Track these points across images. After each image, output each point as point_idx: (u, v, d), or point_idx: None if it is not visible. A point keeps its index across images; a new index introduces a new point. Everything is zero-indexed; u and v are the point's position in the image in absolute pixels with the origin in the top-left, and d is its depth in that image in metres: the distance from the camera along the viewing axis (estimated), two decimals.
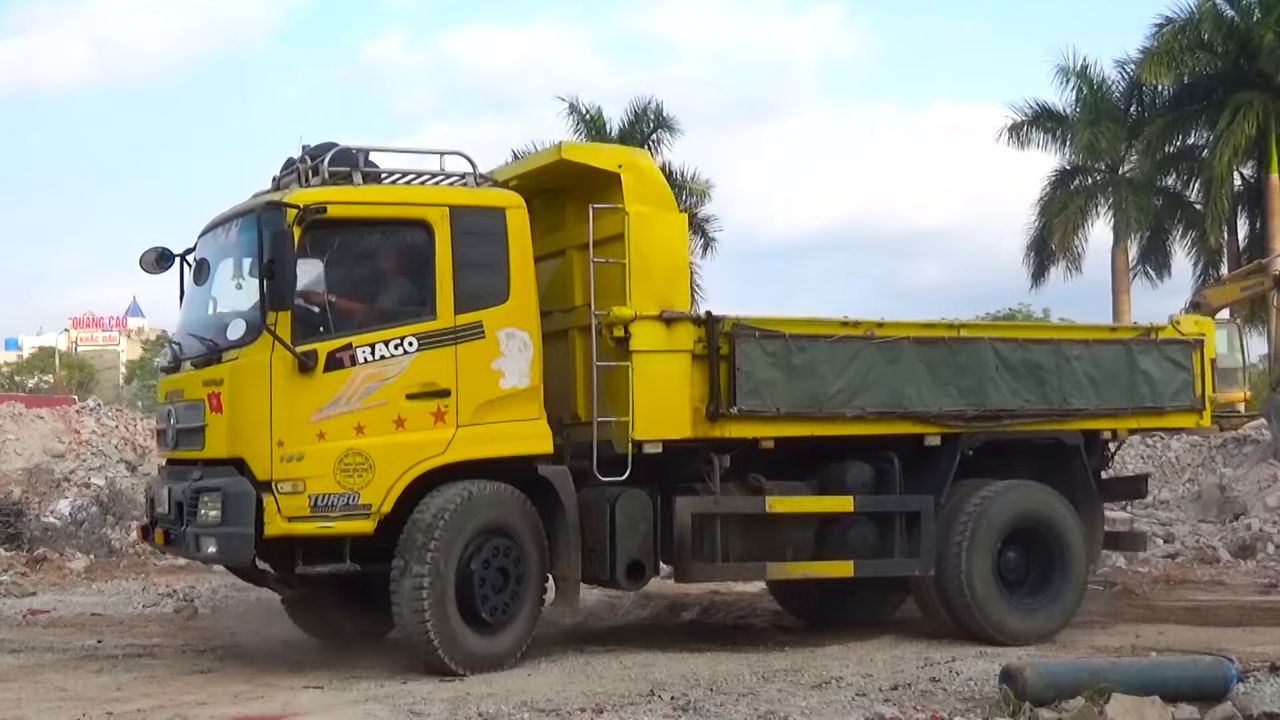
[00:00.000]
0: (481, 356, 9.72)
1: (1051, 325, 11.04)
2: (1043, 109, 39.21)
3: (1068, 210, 38.49)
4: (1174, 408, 11.97)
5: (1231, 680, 8.16)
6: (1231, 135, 33.52)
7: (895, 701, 8.37)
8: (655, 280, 10.12)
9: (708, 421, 10.17)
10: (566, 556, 9.92)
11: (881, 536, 10.88)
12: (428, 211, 9.76)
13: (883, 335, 10.71)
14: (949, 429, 11.02)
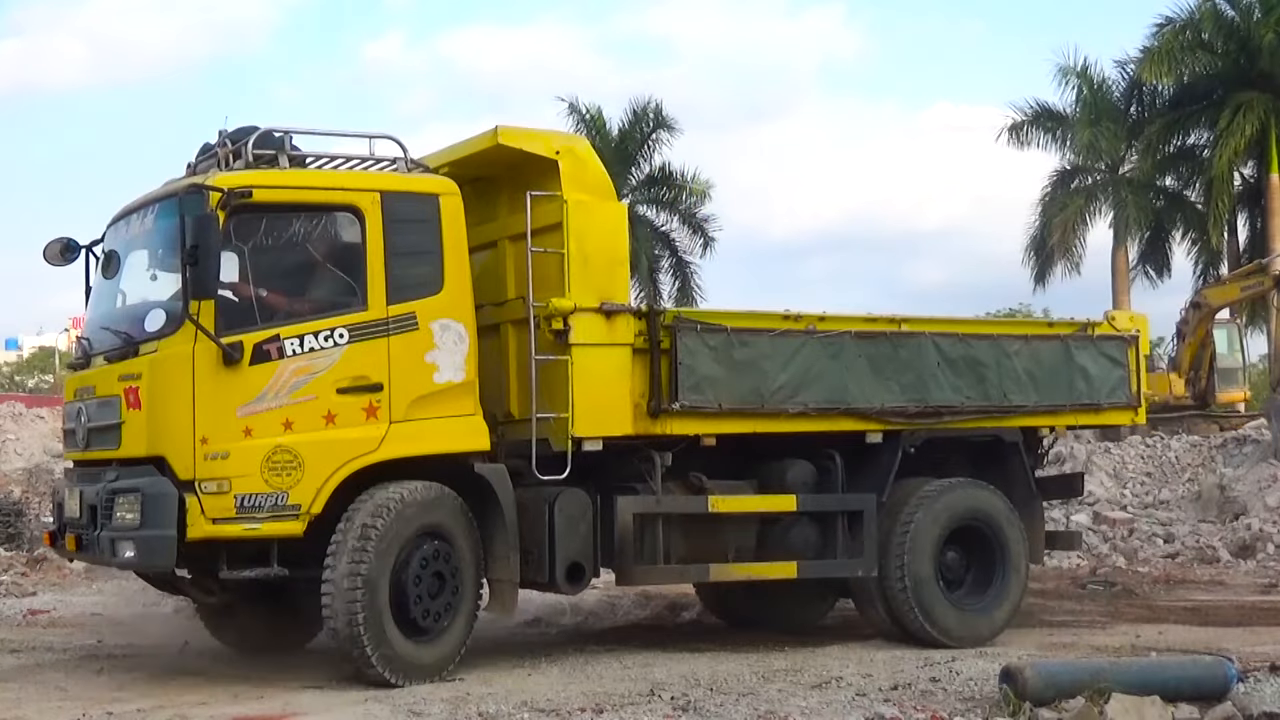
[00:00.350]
0: (415, 349, 9.35)
1: (991, 321, 11.49)
2: (1043, 109, 39.22)
3: (1068, 210, 38.48)
4: (1110, 404, 11.90)
5: (1231, 680, 8.15)
6: (1232, 134, 33.55)
7: (895, 701, 8.35)
8: (594, 271, 9.82)
9: (649, 418, 9.91)
10: (503, 559, 9.56)
11: (823, 536, 10.70)
12: (358, 197, 9.35)
13: (824, 330, 10.53)
14: (891, 426, 10.86)
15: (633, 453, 10.06)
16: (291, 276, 9.33)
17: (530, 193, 9.76)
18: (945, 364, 10.94)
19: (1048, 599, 14.36)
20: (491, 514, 9.56)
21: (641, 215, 42.40)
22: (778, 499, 10.53)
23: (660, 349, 9.91)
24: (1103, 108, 37.76)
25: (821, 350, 10.45)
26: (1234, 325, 31.04)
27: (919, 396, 10.86)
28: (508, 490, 9.57)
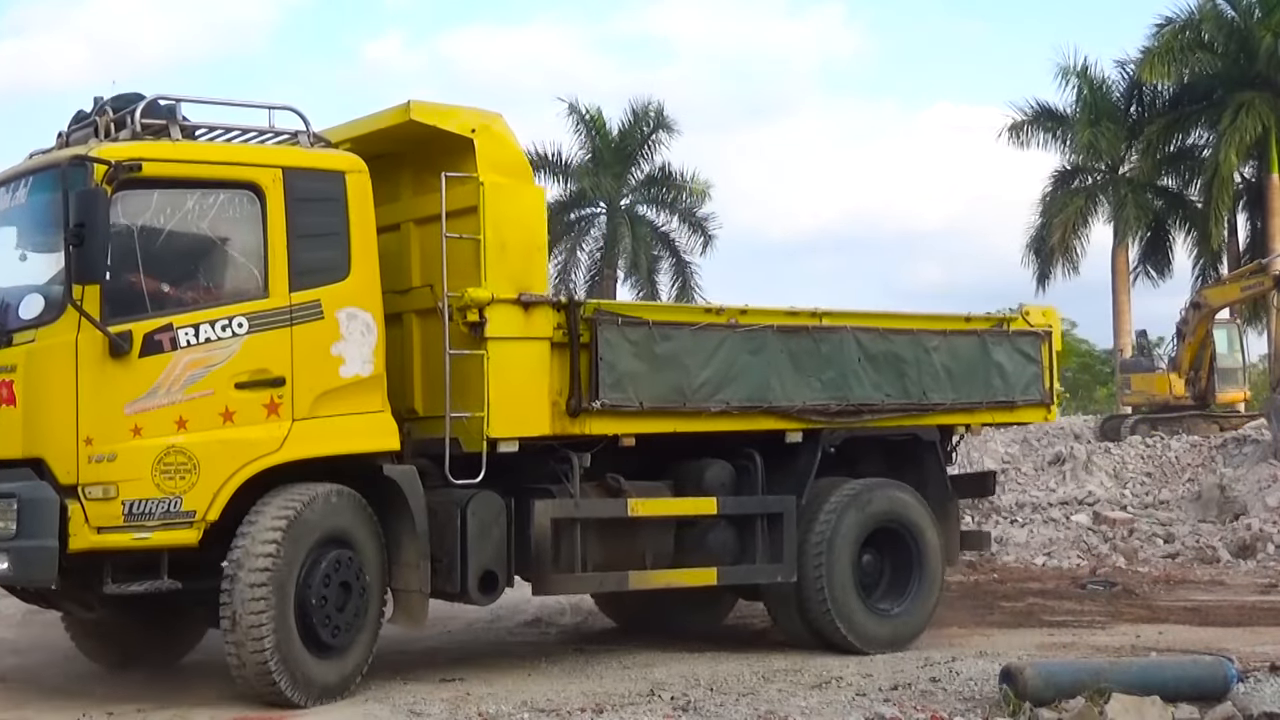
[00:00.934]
0: (319, 340, 8.61)
1: (910, 314, 10.93)
2: (1043, 109, 39.28)
3: (1068, 210, 38.53)
4: (1025, 402, 11.51)
5: (1231, 680, 8.10)
6: (1236, 133, 33.54)
7: (895, 701, 8.28)
8: (511, 259, 9.15)
9: (568, 417, 9.29)
10: (413, 568, 8.84)
11: (742, 540, 10.19)
12: (258, 173, 8.56)
13: (746, 324, 10.04)
14: (812, 425, 10.37)
15: (548, 454, 9.45)
16: (185, 260, 8.51)
17: (445, 173, 9.07)
18: (866, 360, 10.53)
19: (1048, 599, 14.22)
20: (399, 519, 8.84)
21: (641, 215, 42.49)
22: (698, 502, 10.01)
23: (580, 343, 9.31)
24: (1103, 108, 37.78)
25: (743, 345, 9.96)
26: (1234, 325, 31.06)
27: (840, 394, 10.41)
28: (419, 494, 8.86)
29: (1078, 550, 18.73)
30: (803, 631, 10.55)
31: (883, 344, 10.63)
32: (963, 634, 11.57)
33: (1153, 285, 39.86)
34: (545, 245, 9.59)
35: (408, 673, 9.50)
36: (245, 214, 8.55)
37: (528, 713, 8.10)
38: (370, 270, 8.91)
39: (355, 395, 8.75)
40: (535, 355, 9.22)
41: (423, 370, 9.35)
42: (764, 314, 10.30)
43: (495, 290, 8.99)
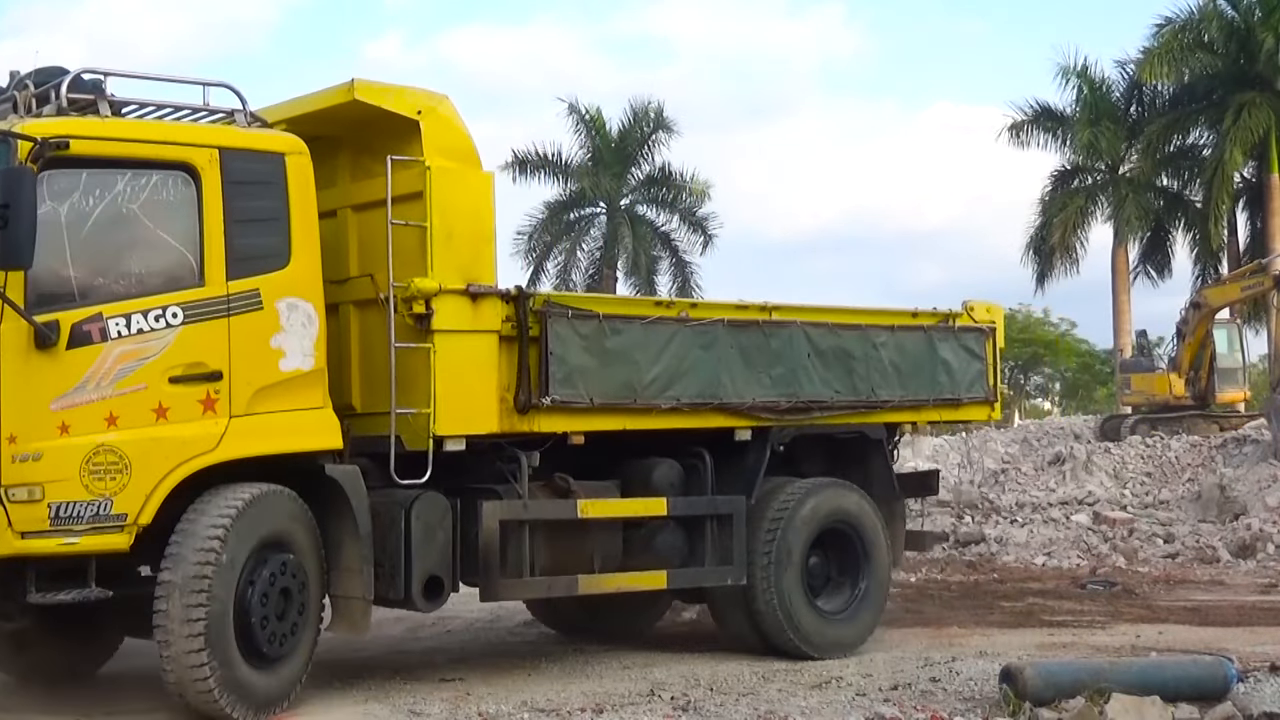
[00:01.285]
0: (258, 332, 8.08)
1: (858, 309, 10.65)
2: (1043, 109, 39.25)
3: (1067, 210, 38.51)
4: (970, 399, 11.26)
5: (1231, 680, 8.05)
6: (1239, 133, 33.53)
7: (895, 701, 8.23)
8: (459, 248, 8.66)
9: (517, 414, 8.82)
10: (355, 573, 8.30)
11: (691, 542, 9.82)
12: (193, 154, 8.01)
13: (696, 317, 9.70)
14: (761, 422, 10.01)
15: (494, 453, 8.95)
16: (116, 245, 7.91)
17: (391, 157, 8.58)
18: (816, 355, 10.20)
19: (1048, 599, 14.13)
20: (341, 522, 8.32)
21: (641, 215, 42.50)
22: (648, 502, 9.59)
23: (529, 337, 8.85)
24: (1103, 108, 37.75)
25: (694, 341, 9.59)
26: (1234, 325, 31.06)
27: (790, 391, 10.07)
28: (362, 495, 8.33)
29: (1078, 550, 18.70)
30: (749, 635, 10.24)
31: (832, 339, 10.34)
32: (963, 634, 11.45)
33: (1153, 285, 39.87)
34: (494, 233, 9.06)
35: (408, 673, 9.44)
36: (180, 197, 7.99)
37: (528, 713, 8.05)
38: (312, 258, 8.40)
39: (296, 390, 8.23)
40: (483, 349, 8.77)
41: (361, 364, 8.86)
42: (714, 308, 10.04)
43: (442, 280, 8.53)
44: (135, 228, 7.93)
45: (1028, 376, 60.46)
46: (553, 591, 9.50)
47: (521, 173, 41.04)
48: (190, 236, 7.99)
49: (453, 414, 8.58)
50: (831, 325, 10.38)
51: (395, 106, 8.78)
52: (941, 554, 19.28)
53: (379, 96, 8.79)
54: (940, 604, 13.92)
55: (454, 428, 8.61)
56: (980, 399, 11.36)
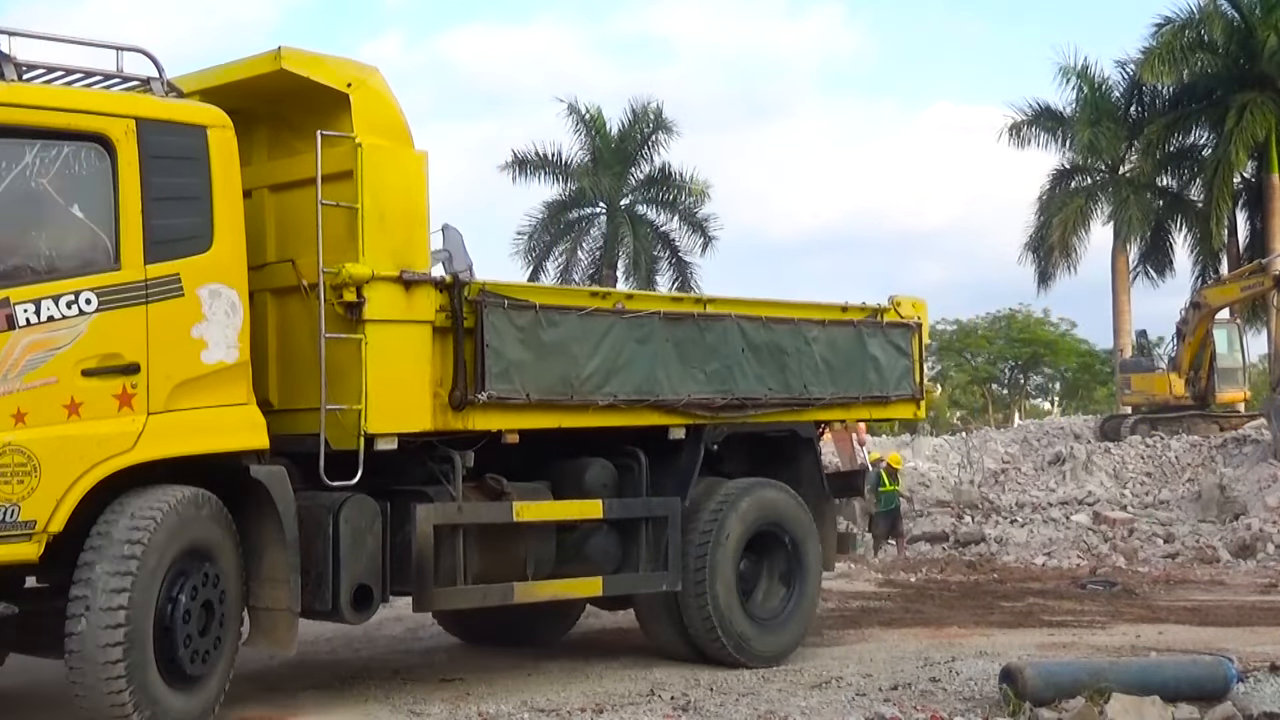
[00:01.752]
0: (179, 320, 7.33)
1: (791, 303, 10.23)
2: (1043, 109, 39.16)
3: (1067, 210, 38.48)
4: (898, 397, 10.84)
5: (1231, 680, 7.99)
6: (1243, 133, 33.51)
7: (895, 701, 8.16)
8: (392, 231, 7.99)
9: (452, 410, 8.20)
10: (281, 583, 7.56)
11: (625, 547, 9.32)
12: (108, 124, 7.21)
13: (633, 309, 9.23)
14: (696, 420, 9.53)
15: (424, 452, 8.31)
16: (23, 223, 7.12)
17: (322, 132, 7.87)
18: (750, 350, 9.76)
19: (1048, 599, 14.06)
20: (264, 528, 7.60)
21: (641, 215, 42.48)
22: (584, 505, 9.05)
23: (464, 328, 8.25)
24: (1103, 108, 37.65)
25: (630, 334, 9.11)
26: (1234, 325, 31.03)
27: (725, 387, 9.61)
28: (289, 499, 7.58)
29: (1078, 550, 18.70)
30: (679, 644, 9.78)
31: (765, 334, 9.89)
32: (963, 634, 11.37)
33: (1153, 285, 39.83)
34: (427, 217, 8.37)
35: (408, 673, 9.36)
36: (93, 171, 7.21)
37: (528, 713, 7.96)
38: (235, 241, 7.65)
39: (218, 385, 7.49)
40: (416, 341, 8.11)
41: (279, 357, 8.14)
42: (650, 299, 9.67)
43: (375, 266, 7.86)
44: (45, 204, 7.14)
45: (1028, 376, 60.46)
46: (488, 600, 8.81)
47: (521, 173, 41.00)
48: (105, 215, 7.20)
49: (385, 410, 7.91)
50: (765, 319, 9.95)
51: (324, 78, 8.07)
52: (941, 554, 19.31)
53: (307, 66, 8.07)
54: (940, 604, 13.86)
55: (386, 425, 7.93)
56: (907, 396, 10.96)
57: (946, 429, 50.24)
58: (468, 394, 8.21)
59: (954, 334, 57.19)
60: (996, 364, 58.21)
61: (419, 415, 8.10)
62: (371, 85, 8.26)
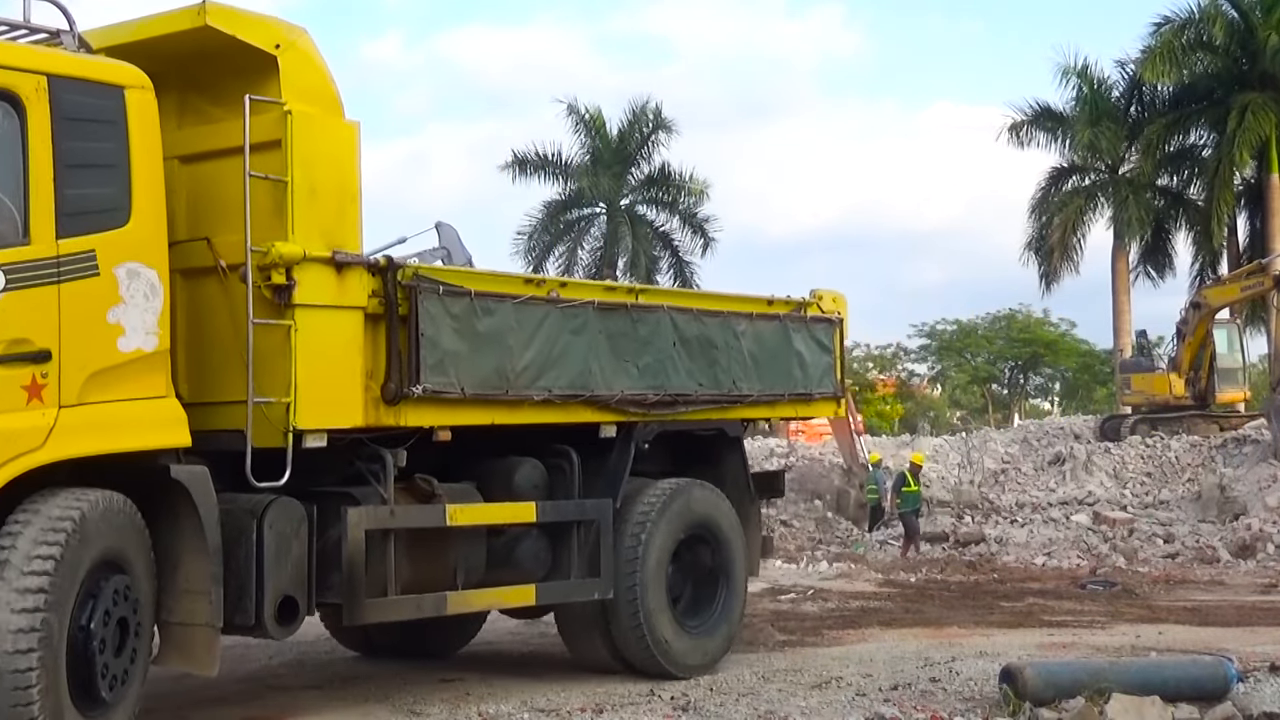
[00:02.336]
0: (93, 303, 6.50)
1: (720, 295, 9.78)
2: (1043, 109, 39.03)
3: (1067, 210, 38.41)
4: (820, 395, 10.36)
5: (1231, 680, 7.91)
6: (1244, 133, 33.47)
7: (895, 701, 8.08)
8: (323, 208, 7.23)
9: (385, 404, 7.47)
10: (200, 596, 6.74)
11: (556, 552, 8.70)
12: (17, 79, 6.37)
13: (567, 298, 8.59)
14: (628, 417, 8.94)
15: (352, 450, 7.54)
16: None
17: (250, 96, 7.07)
18: (681, 344, 9.21)
19: (1048, 599, 13.90)
20: (182, 535, 6.78)
21: (641, 215, 42.47)
22: (517, 508, 8.39)
23: (398, 316, 7.53)
24: (1103, 108, 37.60)
25: (565, 324, 8.50)
26: (1234, 325, 31.00)
27: (658, 383, 9.04)
28: (212, 503, 6.77)
29: (1078, 550, 18.66)
30: (605, 655, 9.17)
31: (696, 327, 9.36)
32: (963, 634, 11.26)
33: (1153, 285, 39.80)
34: (359, 193, 7.60)
35: (408, 673, 9.22)
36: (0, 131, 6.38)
37: (528, 713, 7.85)
38: (156, 215, 6.83)
39: (136, 376, 6.69)
40: (348, 328, 7.37)
41: (188, 346, 7.31)
42: (584, 287, 9.10)
43: (306, 246, 7.08)
44: None
45: (1028, 376, 60.43)
46: (421, 612, 8.10)
47: (521, 173, 40.90)
48: (12, 182, 6.35)
49: (315, 404, 7.13)
50: (696, 311, 9.44)
51: (252, 37, 7.29)
52: (941, 554, 19.31)
53: (234, 23, 7.31)
54: (940, 604, 13.80)
55: (316, 420, 7.16)
56: (829, 394, 10.46)
57: (946, 429, 50.23)
58: (403, 387, 7.48)
59: (954, 334, 57.11)
60: (996, 364, 58.07)
61: (350, 410, 7.35)
62: (301, 47, 7.48)
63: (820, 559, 19.01)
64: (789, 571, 17.82)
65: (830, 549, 20.62)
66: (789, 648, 10.50)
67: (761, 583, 14.69)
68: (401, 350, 7.52)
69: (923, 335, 58.16)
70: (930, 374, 63.21)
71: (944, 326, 57.30)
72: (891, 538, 21.27)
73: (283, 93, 7.21)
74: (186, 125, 7.43)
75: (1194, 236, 37.19)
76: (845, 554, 19.82)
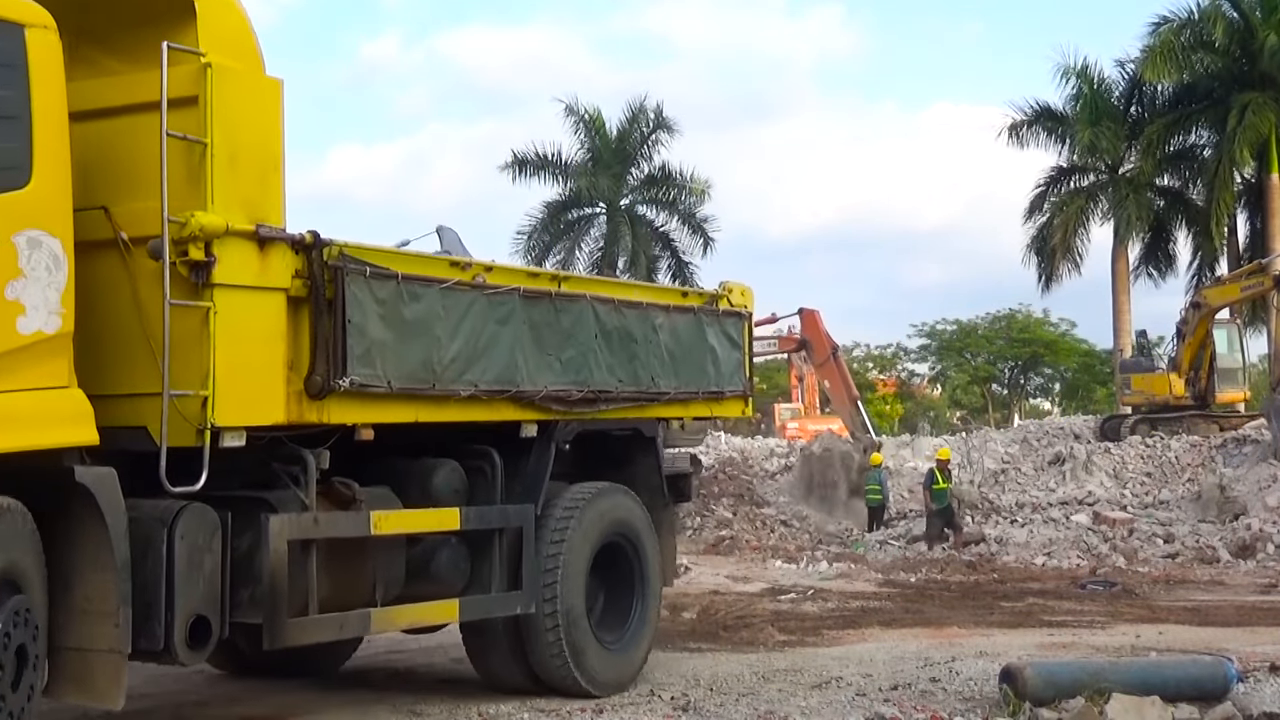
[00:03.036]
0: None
1: (637, 284, 8.92)
2: (1043, 109, 39.04)
3: (1068, 210, 38.31)
4: (731, 393, 9.72)
5: (1231, 680, 7.83)
6: (1244, 133, 33.47)
7: (895, 701, 8.01)
8: (244, 175, 6.31)
9: (310, 399, 6.57)
10: (105, 617, 5.79)
11: (476, 563, 7.86)
12: None
13: (493, 283, 7.80)
14: (549, 415, 8.21)
15: (268, 450, 6.60)
16: None
17: (168, 44, 6.11)
18: (602, 337, 8.53)
19: (1048, 599, 13.73)
20: (82, 546, 5.85)
21: (641, 215, 42.45)
22: (441, 514, 7.55)
23: (324, 299, 6.64)
24: (1102, 108, 37.56)
25: (491, 313, 7.73)
26: (1234, 325, 30.96)
27: (581, 378, 8.34)
28: (120, 510, 5.82)
29: (1078, 550, 18.56)
30: (516, 674, 8.34)
31: (617, 319, 8.70)
32: (963, 634, 11.14)
33: (1153, 285, 39.75)
34: (282, 160, 6.71)
35: (408, 673, 9.15)
36: None
37: (528, 713, 7.74)
38: (60, 176, 5.91)
39: (36, 362, 5.76)
40: (271, 312, 6.47)
41: (82, 329, 6.17)
42: (509, 272, 8.22)
43: (228, 218, 6.17)
44: None
45: (1028, 376, 60.42)
46: (345, 632, 7.28)
47: (521, 173, 40.80)
48: None
49: (234, 398, 6.23)
50: (616, 302, 8.76)
51: None
52: (941, 554, 19.31)
53: None
54: (940, 604, 13.73)
55: (236, 417, 6.26)
56: (739, 392, 9.84)
57: (946, 429, 50.21)
58: (330, 378, 6.60)
59: (954, 334, 57.09)
60: (996, 364, 57.97)
61: (273, 405, 6.46)
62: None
63: (820, 559, 18.99)
64: (789, 571, 17.71)
65: (830, 549, 20.63)
66: (789, 648, 10.44)
67: (761, 583, 14.69)
68: (328, 338, 6.64)
69: (923, 335, 58.07)
70: (930, 374, 63.21)
71: (944, 326, 57.17)
72: (891, 538, 21.24)
73: (200, 42, 6.26)
74: (78, 79, 6.32)
75: (1194, 236, 37.10)
76: (845, 554, 19.80)
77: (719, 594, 13.49)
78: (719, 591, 13.53)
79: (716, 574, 16.89)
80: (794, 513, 23.50)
